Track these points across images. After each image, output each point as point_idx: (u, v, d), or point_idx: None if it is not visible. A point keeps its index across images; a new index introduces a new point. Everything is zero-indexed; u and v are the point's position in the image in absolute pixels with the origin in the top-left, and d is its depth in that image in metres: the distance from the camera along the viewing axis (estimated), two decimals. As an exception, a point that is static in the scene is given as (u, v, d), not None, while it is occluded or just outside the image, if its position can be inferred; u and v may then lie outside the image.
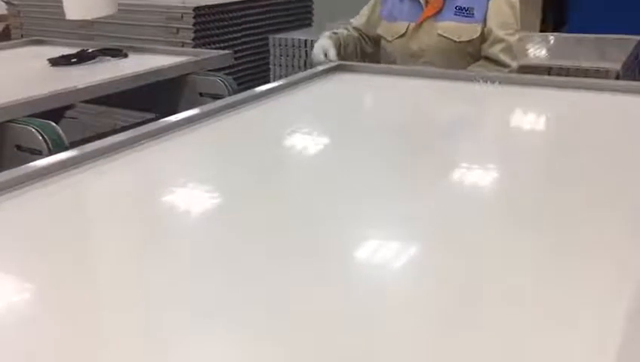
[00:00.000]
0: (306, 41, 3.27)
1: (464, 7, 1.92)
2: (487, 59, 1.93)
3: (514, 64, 1.93)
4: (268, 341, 0.67)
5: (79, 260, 0.86)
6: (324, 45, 2.02)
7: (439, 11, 1.95)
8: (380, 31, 2.09)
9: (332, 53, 1.99)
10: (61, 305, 0.74)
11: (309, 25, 4.17)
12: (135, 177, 1.19)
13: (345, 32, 2.14)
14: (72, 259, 0.85)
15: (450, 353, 0.64)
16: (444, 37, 1.93)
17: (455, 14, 1.93)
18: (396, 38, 2.03)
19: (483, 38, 1.92)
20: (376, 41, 2.14)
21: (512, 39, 1.92)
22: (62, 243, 0.90)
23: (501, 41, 1.90)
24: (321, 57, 1.99)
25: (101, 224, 1.00)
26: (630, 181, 1.07)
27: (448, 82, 1.77)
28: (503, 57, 1.91)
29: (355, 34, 2.15)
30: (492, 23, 1.90)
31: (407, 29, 2.00)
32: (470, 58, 1.96)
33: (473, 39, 1.92)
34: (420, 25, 1.98)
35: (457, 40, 1.92)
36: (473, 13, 1.91)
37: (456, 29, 1.93)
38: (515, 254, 0.84)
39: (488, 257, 0.84)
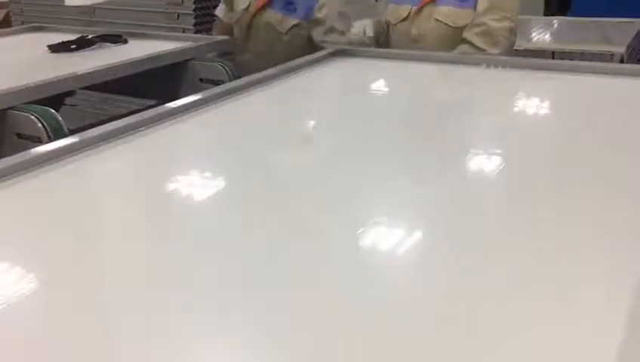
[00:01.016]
0: (307, 26, 3.25)
1: None
2: (464, 41, 1.91)
3: (492, 50, 1.89)
4: (268, 324, 0.66)
5: (81, 247, 0.85)
6: (365, 23, 2.04)
7: None
8: (387, 15, 2.09)
9: (369, 30, 2.00)
10: (62, 294, 0.74)
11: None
12: (136, 163, 1.19)
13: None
14: (73, 246, 0.85)
15: (451, 336, 0.64)
16: (441, 22, 1.94)
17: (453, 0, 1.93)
18: (399, 22, 2.03)
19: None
20: None
21: (495, 24, 1.89)
22: (63, 229, 0.90)
23: (480, 24, 1.88)
24: (360, 33, 2.01)
25: (101, 210, 1.00)
26: (635, 163, 1.06)
27: (451, 66, 1.76)
28: (478, 41, 1.89)
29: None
30: (480, 7, 1.90)
31: (409, 12, 2.00)
32: None
33: (468, 25, 1.91)
34: (420, 9, 1.98)
35: (453, 25, 1.92)
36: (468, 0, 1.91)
37: (452, 14, 1.93)
38: (521, 238, 0.83)
39: (494, 240, 0.83)
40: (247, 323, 0.67)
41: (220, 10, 2.44)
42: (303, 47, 2.14)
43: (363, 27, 2.04)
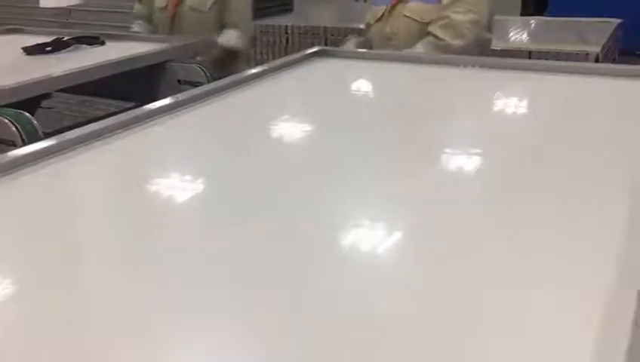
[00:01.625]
0: (287, 26, 3.25)
1: None
2: (429, 34, 1.93)
3: (455, 42, 1.91)
4: (250, 321, 0.66)
5: (55, 250, 0.84)
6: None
7: None
8: (368, 17, 2.12)
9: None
10: (40, 303, 0.72)
11: (291, 10, 4.15)
12: (113, 166, 1.17)
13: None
14: (48, 249, 0.84)
15: (432, 330, 0.64)
16: (409, 18, 1.96)
17: None
18: (376, 22, 2.05)
19: None
20: None
21: (458, 17, 1.91)
22: (38, 233, 0.88)
23: (444, 17, 1.91)
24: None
25: (77, 214, 0.98)
26: (609, 160, 1.07)
27: (430, 66, 1.77)
28: (441, 33, 1.92)
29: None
30: (444, 1, 1.91)
31: (384, 12, 2.03)
32: None
33: (433, 19, 1.94)
34: (393, 7, 2.01)
35: (421, 21, 1.95)
36: None
37: (420, 10, 1.96)
38: (496, 233, 0.84)
39: (470, 237, 0.83)
40: (223, 326, 0.67)
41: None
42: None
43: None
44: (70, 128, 1.26)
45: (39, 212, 0.96)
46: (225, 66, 2.30)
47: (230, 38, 2.37)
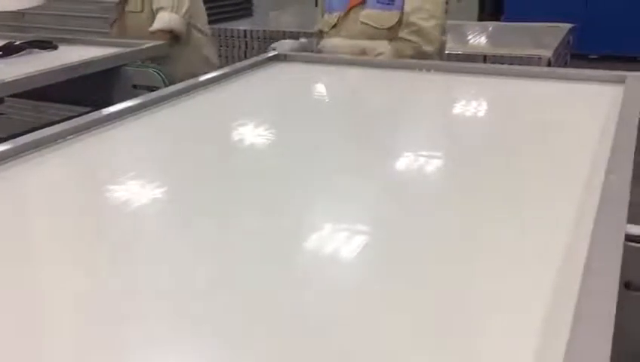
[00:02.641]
0: (246, 31, 3.25)
1: None
2: (398, 40, 1.98)
3: (427, 47, 1.99)
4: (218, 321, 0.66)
5: (7, 257, 0.82)
6: (283, 43, 2.09)
7: (365, 0, 2.03)
8: (321, 25, 2.14)
9: (287, 48, 2.04)
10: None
11: (250, 15, 4.14)
12: (68, 171, 1.15)
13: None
14: (6, 257, 0.82)
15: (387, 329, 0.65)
16: (366, 24, 1.99)
17: (377, 2, 2.02)
18: (331, 29, 2.07)
19: (401, 24, 1.99)
20: None
21: (425, 24, 1.98)
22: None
23: (412, 24, 1.98)
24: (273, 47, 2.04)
25: (30, 219, 0.96)
26: (556, 161, 1.10)
27: (386, 70, 1.79)
28: (414, 37, 1.97)
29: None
30: (407, 8, 1.99)
31: (337, 19, 2.05)
32: None
33: (393, 26, 1.99)
34: (347, 14, 2.04)
35: (378, 27, 1.98)
36: (393, 2, 2.00)
37: (377, 16, 2.00)
38: (451, 232, 0.86)
39: (429, 238, 0.85)
40: (195, 332, 0.66)
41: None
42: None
43: (280, 46, 2.07)
44: (23, 133, 1.23)
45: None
46: (174, 57, 2.33)
47: (162, 18, 2.37)
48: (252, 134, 1.35)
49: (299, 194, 1.02)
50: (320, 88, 1.79)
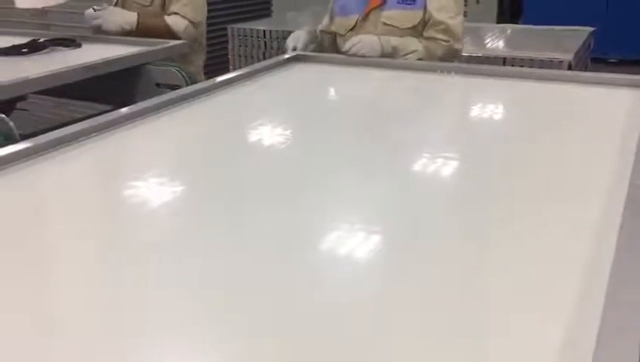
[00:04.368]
0: (265, 31, 3.26)
1: None
2: (428, 39, 1.98)
3: (456, 45, 1.99)
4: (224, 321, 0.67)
5: (36, 255, 0.84)
6: (298, 35, 2.07)
7: (384, 2, 2.02)
8: (334, 27, 2.14)
9: (302, 42, 2.03)
10: (13, 304, 0.72)
11: (269, 15, 4.16)
12: (90, 169, 1.17)
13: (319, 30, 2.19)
14: (22, 252, 0.83)
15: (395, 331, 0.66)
16: (389, 25, 1.99)
17: (398, 3, 2.01)
18: (348, 32, 2.07)
19: (424, 23, 1.99)
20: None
21: (452, 22, 1.98)
22: (15, 236, 0.88)
23: (440, 23, 1.97)
24: (290, 45, 2.04)
25: (56, 216, 0.98)
26: (579, 164, 1.10)
27: (406, 72, 1.79)
28: (442, 36, 1.98)
29: (326, 37, 2.19)
30: (431, 8, 1.98)
31: (356, 21, 2.05)
32: None
33: (415, 25, 1.99)
34: (366, 16, 2.04)
35: (401, 27, 1.98)
36: (415, 1, 1.99)
37: (399, 16, 2.00)
38: (469, 235, 0.86)
39: (440, 239, 0.85)
40: (203, 327, 0.68)
41: None
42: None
43: (295, 39, 2.06)
44: (46, 130, 1.25)
45: (18, 213, 0.96)
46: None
47: (179, 25, 2.36)
48: (271, 134, 1.37)
49: (316, 193, 1.03)
50: (339, 89, 1.80)
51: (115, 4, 2.49)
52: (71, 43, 2.19)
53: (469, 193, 1.02)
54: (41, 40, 2.16)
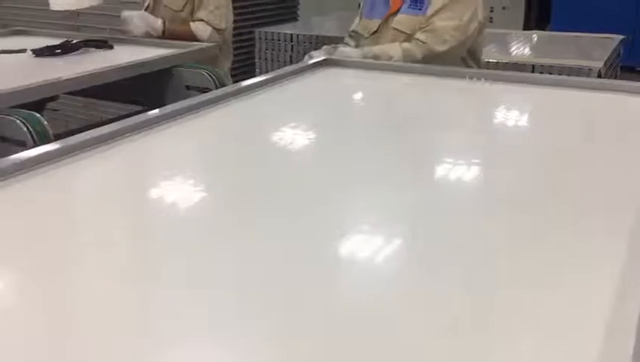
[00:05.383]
0: (292, 35, 3.28)
1: (417, 0, 1.97)
2: (411, 41, 1.96)
3: (437, 46, 1.94)
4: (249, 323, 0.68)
5: (68, 252, 0.86)
6: (312, 55, 2.07)
7: (400, 8, 2.01)
8: (359, 28, 2.13)
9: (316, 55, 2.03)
10: (45, 302, 0.74)
11: (295, 19, 4.18)
12: (122, 170, 1.19)
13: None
14: (61, 252, 0.85)
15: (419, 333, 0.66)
16: (398, 30, 1.98)
17: (409, 7, 1.99)
18: (371, 35, 2.07)
19: None
20: None
21: (441, 23, 1.94)
22: (50, 235, 0.90)
23: (428, 23, 1.94)
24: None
25: (89, 216, 1.00)
26: (609, 176, 1.09)
27: (433, 78, 1.79)
28: (423, 37, 1.94)
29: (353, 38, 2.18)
30: (429, 10, 1.96)
31: (379, 25, 2.04)
32: None
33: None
34: (385, 21, 2.03)
35: (407, 32, 1.96)
36: (422, 6, 1.97)
37: (408, 21, 1.98)
38: (500, 241, 0.86)
39: (472, 243, 0.85)
40: (225, 328, 0.68)
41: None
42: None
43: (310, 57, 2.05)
44: (77, 130, 1.27)
45: (52, 213, 0.97)
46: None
47: (204, 31, 2.42)
48: (299, 137, 1.37)
49: (340, 198, 1.03)
50: (366, 94, 1.80)
51: (146, 9, 2.53)
52: (103, 44, 2.23)
53: (501, 202, 1.02)
54: (74, 41, 2.20)
